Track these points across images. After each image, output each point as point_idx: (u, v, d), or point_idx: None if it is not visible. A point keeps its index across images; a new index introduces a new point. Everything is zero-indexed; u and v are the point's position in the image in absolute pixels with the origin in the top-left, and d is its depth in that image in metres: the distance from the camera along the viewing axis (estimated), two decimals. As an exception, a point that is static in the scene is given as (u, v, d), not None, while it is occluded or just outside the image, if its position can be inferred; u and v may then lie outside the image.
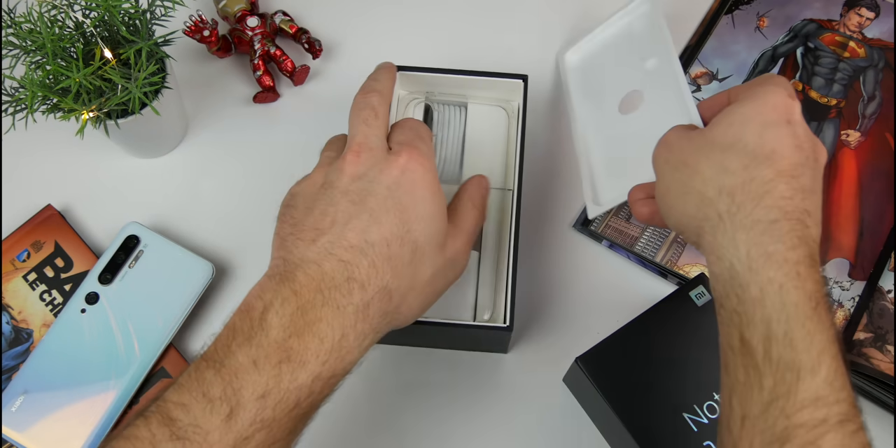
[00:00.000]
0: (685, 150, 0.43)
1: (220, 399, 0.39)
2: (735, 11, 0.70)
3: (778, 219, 0.39)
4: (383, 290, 0.43)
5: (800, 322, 0.37)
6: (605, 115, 0.61)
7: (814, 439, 0.35)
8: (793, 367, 0.36)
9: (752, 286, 0.38)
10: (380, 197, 0.44)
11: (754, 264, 0.38)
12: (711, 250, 0.41)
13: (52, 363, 0.57)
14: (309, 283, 0.42)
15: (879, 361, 0.56)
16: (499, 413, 0.58)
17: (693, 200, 0.42)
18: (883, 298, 0.59)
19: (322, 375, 0.41)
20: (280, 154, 0.66)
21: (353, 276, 0.42)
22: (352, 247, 0.43)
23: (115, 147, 0.64)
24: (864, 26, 0.69)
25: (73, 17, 0.54)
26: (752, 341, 0.38)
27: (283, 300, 0.41)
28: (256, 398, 0.39)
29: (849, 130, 0.66)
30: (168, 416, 0.39)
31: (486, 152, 0.59)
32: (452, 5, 0.71)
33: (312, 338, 0.41)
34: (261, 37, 0.66)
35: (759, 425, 0.36)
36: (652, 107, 0.57)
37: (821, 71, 0.68)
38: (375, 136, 0.47)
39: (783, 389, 0.36)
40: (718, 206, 0.40)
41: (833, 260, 0.62)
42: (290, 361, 0.40)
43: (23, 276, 0.60)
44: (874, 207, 0.63)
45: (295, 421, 0.41)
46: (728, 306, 0.39)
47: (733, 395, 0.38)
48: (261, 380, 0.40)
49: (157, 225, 0.62)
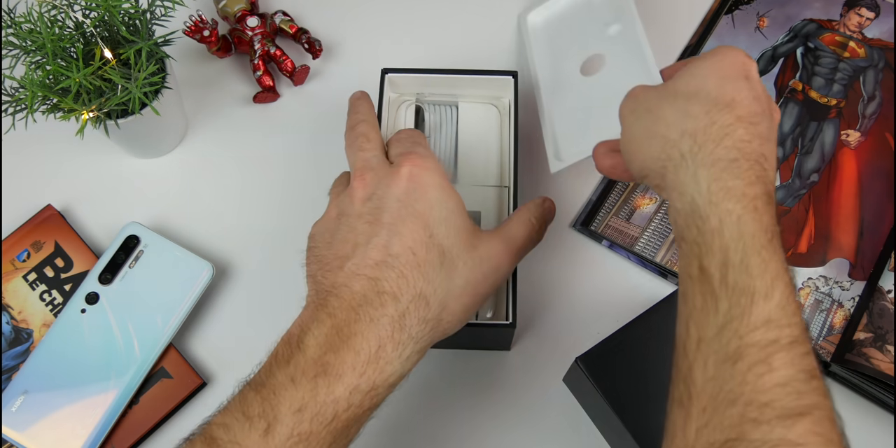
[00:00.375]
0: (650, 100, 0.45)
1: (259, 416, 0.40)
2: (735, 11, 0.70)
3: (737, 158, 0.40)
4: (418, 297, 0.43)
5: (755, 250, 0.38)
6: (567, 76, 0.62)
7: (765, 358, 0.36)
8: (747, 291, 0.37)
9: (711, 218, 0.39)
10: (393, 210, 0.45)
11: (714, 198, 0.40)
12: (674, 187, 0.42)
13: (52, 363, 0.57)
14: (342, 305, 0.43)
15: (879, 361, 0.56)
16: (499, 413, 0.58)
17: (657, 143, 0.43)
18: (883, 298, 0.59)
19: (361, 388, 0.41)
20: (280, 154, 0.66)
21: (384, 289, 0.43)
22: (377, 264, 0.43)
23: (115, 147, 0.64)
24: (864, 26, 0.69)
25: (73, 17, 0.54)
26: (709, 268, 0.39)
27: (318, 323, 0.43)
28: (293, 412, 0.40)
29: (849, 130, 0.66)
30: (210, 437, 0.40)
31: (480, 150, 0.59)
32: (453, 5, 0.71)
33: (348, 351, 0.41)
34: (261, 37, 0.66)
35: (713, 346, 0.38)
36: (614, 71, 0.59)
37: (821, 71, 0.68)
38: (374, 157, 0.48)
39: (737, 311, 0.37)
40: (681, 146, 0.42)
41: (833, 260, 0.62)
42: (327, 375, 0.41)
43: (23, 276, 0.60)
44: (874, 207, 0.63)
45: (334, 435, 0.41)
46: (689, 238, 0.40)
47: (690, 321, 0.39)
48: (297, 394, 0.40)
49: (157, 225, 0.62)
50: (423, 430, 0.57)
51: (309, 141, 0.66)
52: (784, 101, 0.67)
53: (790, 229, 0.63)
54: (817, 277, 0.61)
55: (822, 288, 0.60)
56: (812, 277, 0.61)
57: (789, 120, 0.66)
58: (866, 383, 0.57)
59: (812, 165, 0.65)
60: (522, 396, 0.58)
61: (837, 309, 0.60)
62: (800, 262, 0.61)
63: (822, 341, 0.59)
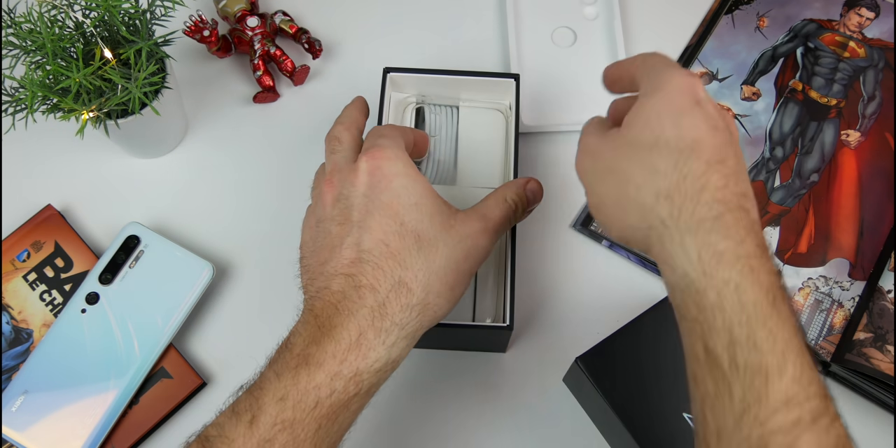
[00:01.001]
0: (608, 156, 0.43)
1: (245, 410, 0.42)
2: (735, 11, 0.70)
3: (721, 213, 0.38)
4: (398, 284, 0.44)
5: (761, 322, 0.37)
6: (539, 40, 0.68)
7: (791, 442, 0.35)
8: (760, 370, 0.36)
9: (709, 291, 0.38)
10: (360, 206, 0.45)
11: (707, 268, 0.38)
12: (663, 260, 0.40)
13: (52, 363, 0.57)
14: (324, 305, 0.44)
15: (879, 361, 0.56)
16: (499, 413, 0.58)
17: (633, 211, 0.41)
18: (883, 298, 0.59)
19: (343, 373, 0.42)
20: (280, 154, 0.66)
21: (361, 283, 0.44)
22: (352, 262, 0.44)
23: (115, 147, 0.64)
24: (864, 26, 0.69)
25: (73, 17, 0.54)
26: (716, 350, 0.37)
27: (303, 323, 0.44)
28: (276, 401, 0.41)
29: (849, 130, 0.66)
30: (204, 437, 0.42)
31: (480, 152, 0.59)
32: (453, 5, 0.71)
33: (329, 341, 0.42)
34: (261, 37, 0.66)
35: (734, 438, 0.36)
36: (583, 48, 0.66)
37: (821, 71, 0.68)
38: (342, 158, 0.48)
39: (753, 396, 0.36)
40: (660, 212, 0.40)
41: (833, 260, 0.62)
42: (308, 365, 0.42)
43: (23, 276, 0.60)
44: (874, 207, 0.63)
45: (318, 421, 0.42)
46: (689, 316, 0.39)
47: (706, 408, 0.38)
48: (280, 385, 0.42)
49: (157, 225, 0.62)
50: (423, 431, 0.57)
51: (309, 141, 0.66)
52: (784, 101, 0.67)
53: (790, 229, 0.63)
54: (817, 277, 0.61)
55: (822, 288, 0.60)
56: (812, 277, 0.61)
57: (789, 120, 0.66)
58: (866, 383, 0.57)
59: (812, 165, 0.65)
60: (522, 397, 0.58)
61: (837, 309, 0.60)
62: (800, 262, 0.61)
63: (822, 341, 0.59)
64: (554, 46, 0.68)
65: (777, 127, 0.66)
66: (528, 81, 0.65)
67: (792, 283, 0.61)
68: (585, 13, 0.69)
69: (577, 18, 0.69)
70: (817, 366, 0.38)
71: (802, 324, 0.59)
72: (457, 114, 0.59)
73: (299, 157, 0.65)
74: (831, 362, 0.57)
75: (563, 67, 0.67)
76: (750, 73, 0.68)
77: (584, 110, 0.66)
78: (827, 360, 0.58)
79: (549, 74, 0.67)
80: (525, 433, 0.57)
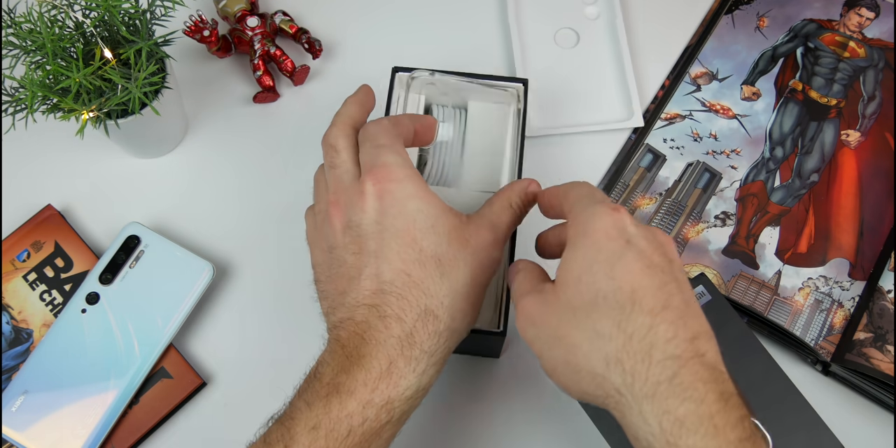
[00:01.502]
0: (550, 323, 0.41)
1: (277, 440, 0.41)
2: (735, 11, 0.70)
3: (676, 371, 0.37)
4: (424, 313, 0.43)
5: None
6: (541, 42, 0.68)
7: None
8: None
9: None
10: (374, 235, 0.44)
11: (670, 437, 0.36)
12: (626, 428, 0.39)
13: (52, 363, 0.57)
14: (349, 335, 0.43)
15: (879, 361, 0.56)
16: (499, 414, 0.58)
17: (586, 379, 0.40)
18: (883, 298, 0.59)
19: (374, 401, 0.42)
20: (280, 154, 0.66)
21: (386, 313, 0.43)
22: (373, 293, 0.44)
23: (115, 147, 0.64)
24: (864, 26, 0.69)
25: (73, 17, 0.54)
26: None
27: (331, 353, 0.44)
28: (308, 430, 0.41)
29: (849, 130, 0.66)
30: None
31: (486, 155, 0.59)
32: (453, 5, 0.71)
33: (360, 370, 0.42)
34: (261, 37, 0.66)
35: None
36: (587, 49, 0.66)
37: (821, 71, 0.68)
38: (344, 173, 0.46)
39: None
40: (613, 380, 0.38)
41: (833, 260, 0.62)
42: (339, 393, 0.41)
43: (23, 276, 0.60)
44: (874, 207, 0.63)
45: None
46: None
47: None
48: (311, 414, 0.41)
49: (157, 225, 0.62)
50: (413, 436, 0.57)
51: (309, 141, 0.66)
52: (784, 101, 0.67)
53: (790, 229, 0.63)
54: (817, 277, 0.61)
55: (822, 288, 0.60)
56: (812, 277, 0.61)
57: (789, 120, 0.66)
58: (866, 383, 0.57)
59: (812, 165, 0.65)
60: (522, 396, 0.58)
61: (837, 309, 0.60)
62: (800, 262, 0.61)
63: (822, 341, 0.59)
64: (557, 48, 0.68)
65: (777, 127, 0.66)
66: (532, 85, 0.64)
67: (792, 283, 0.61)
68: (587, 13, 0.69)
69: (579, 19, 0.69)
70: None
71: (802, 324, 0.59)
72: (464, 115, 0.59)
73: (299, 157, 0.65)
74: (831, 362, 0.57)
75: (568, 69, 0.67)
76: (750, 73, 0.68)
77: (589, 112, 0.66)
78: (827, 360, 0.58)
79: (555, 77, 0.67)
80: (525, 433, 0.57)
